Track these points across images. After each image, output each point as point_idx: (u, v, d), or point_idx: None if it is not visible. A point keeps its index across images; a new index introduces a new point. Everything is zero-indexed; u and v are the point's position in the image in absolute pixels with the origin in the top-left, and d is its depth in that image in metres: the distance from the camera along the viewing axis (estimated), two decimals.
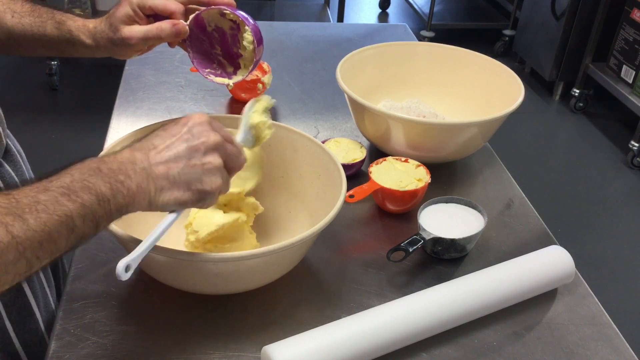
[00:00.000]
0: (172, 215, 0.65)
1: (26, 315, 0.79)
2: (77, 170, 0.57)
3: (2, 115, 0.85)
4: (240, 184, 0.81)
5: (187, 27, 0.81)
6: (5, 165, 0.84)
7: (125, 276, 0.59)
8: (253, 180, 0.82)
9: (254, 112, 0.79)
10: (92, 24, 0.82)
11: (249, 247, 0.82)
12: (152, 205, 0.61)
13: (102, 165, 0.58)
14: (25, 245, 0.51)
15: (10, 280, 0.52)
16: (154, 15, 0.81)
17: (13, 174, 0.84)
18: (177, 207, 0.64)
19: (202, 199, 0.64)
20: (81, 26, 0.82)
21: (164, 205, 0.62)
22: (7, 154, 0.86)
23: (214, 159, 0.64)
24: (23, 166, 0.89)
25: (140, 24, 0.80)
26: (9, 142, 0.88)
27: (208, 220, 0.80)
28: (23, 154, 0.92)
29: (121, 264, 0.59)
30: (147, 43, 0.81)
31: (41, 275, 0.84)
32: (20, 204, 0.52)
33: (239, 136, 0.77)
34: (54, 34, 0.82)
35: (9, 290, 0.75)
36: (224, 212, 0.83)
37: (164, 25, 0.79)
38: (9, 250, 0.50)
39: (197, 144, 0.63)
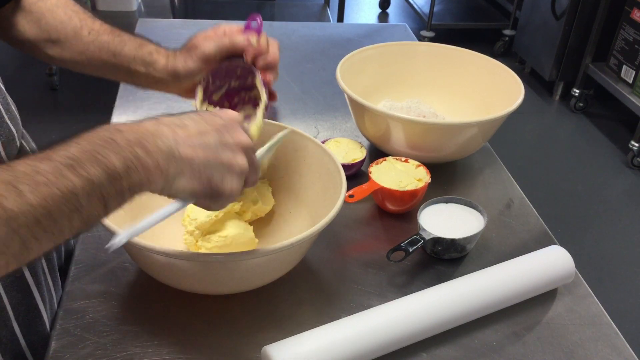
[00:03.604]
0: (176, 205, 0.59)
1: (34, 317, 0.79)
2: (86, 139, 0.50)
3: (18, 116, 0.84)
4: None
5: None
6: None
7: (112, 246, 0.54)
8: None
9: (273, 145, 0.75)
10: (171, 50, 0.84)
11: (246, 238, 0.83)
12: (164, 190, 0.55)
13: (117, 135, 0.51)
14: (19, 222, 0.44)
15: (5, 264, 0.46)
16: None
17: None
18: (189, 198, 0.58)
19: (216, 199, 0.59)
20: (160, 49, 0.84)
21: (177, 193, 0.56)
22: (21, 155, 0.86)
23: (242, 161, 0.59)
24: None
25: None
26: (24, 144, 0.87)
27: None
28: None
29: (114, 239, 0.55)
30: (220, 54, 0.82)
31: (48, 277, 0.84)
32: (16, 173, 0.45)
33: (259, 152, 0.70)
34: (131, 53, 0.82)
35: (17, 291, 0.75)
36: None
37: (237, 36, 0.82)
38: None
39: (230, 141, 0.58)
